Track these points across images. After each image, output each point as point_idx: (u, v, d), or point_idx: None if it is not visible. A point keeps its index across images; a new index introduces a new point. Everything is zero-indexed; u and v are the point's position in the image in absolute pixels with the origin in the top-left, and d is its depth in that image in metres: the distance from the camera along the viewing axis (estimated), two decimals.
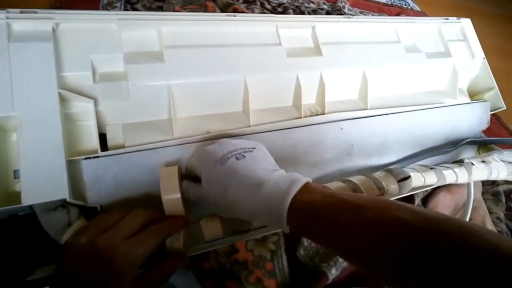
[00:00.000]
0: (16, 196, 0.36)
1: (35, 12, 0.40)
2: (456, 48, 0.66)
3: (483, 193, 0.76)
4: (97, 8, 0.93)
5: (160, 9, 1.01)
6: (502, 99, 0.66)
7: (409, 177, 0.45)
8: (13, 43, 0.38)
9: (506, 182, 0.80)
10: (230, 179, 0.34)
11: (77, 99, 0.40)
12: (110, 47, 0.43)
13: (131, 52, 0.44)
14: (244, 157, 0.36)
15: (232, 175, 0.34)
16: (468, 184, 0.60)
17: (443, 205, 0.69)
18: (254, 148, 0.39)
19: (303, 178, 0.33)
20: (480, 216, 0.69)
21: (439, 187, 0.69)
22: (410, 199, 0.67)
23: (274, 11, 1.21)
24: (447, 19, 0.68)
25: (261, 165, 0.36)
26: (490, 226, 0.70)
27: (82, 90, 0.41)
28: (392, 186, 0.45)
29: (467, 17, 0.71)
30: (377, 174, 0.46)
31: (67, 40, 0.41)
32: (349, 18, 0.58)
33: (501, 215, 0.76)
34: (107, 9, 0.96)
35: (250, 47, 0.50)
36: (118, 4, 1.00)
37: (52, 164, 0.36)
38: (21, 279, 0.37)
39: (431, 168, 0.49)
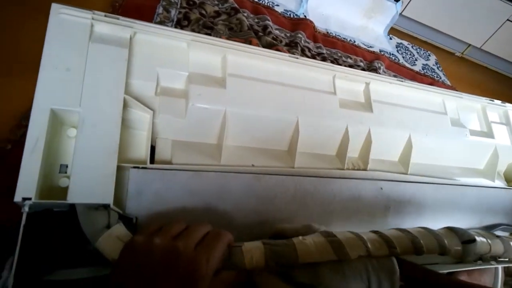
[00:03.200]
0: (58, 191, 0.36)
1: (117, 18, 0.41)
2: (498, 130, 0.66)
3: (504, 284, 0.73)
4: None
5: None
6: None
7: (474, 240, 0.40)
8: (92, 43, 0.39)
9: None
10: None
11: (138, 107, 0.40)
12: (177, 64, 0.44)
13: (195, 73, 0.45)
14: None
15: None
16: (496, 268, 0.57)
17: None
18: None
19: None
20: None
21: (459, 271, 0.66)
22: None
23: (313, 59, 1.24)
24: (492, 100, 0.69)
25: None
26: None
27: (143, 99, 0.41)
28: (455, 247, 0.39)
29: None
30: (437, 231, 0.41)
31: (140, 50, 0.42)
32: (402, 81, 0.59)
33: None
34: None
35: (307, 91, 0.50)
36: (169, 25, 1.04)
37: (104, 167, 0.35)
38: (38, 277, 0.36)
39: (497, 236, 0.44)
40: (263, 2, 1.37)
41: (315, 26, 1.40)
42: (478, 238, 0.41)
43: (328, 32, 1.46)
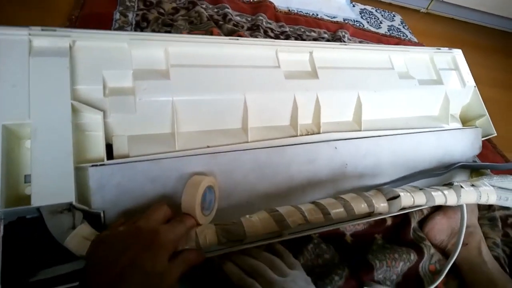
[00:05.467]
0: (25, 199, 0.39)
1: (54, 30, 0.44)
2: (448, 76, 0.69)
3: (479, 219, 0.77)
4: None
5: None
6: (492, 125, 0.69)
7: (398, 196, 0.47)
8: (33, 57, 0.41)
9: (502, 208, 0.81)
10: None
11: (87, 110, 0.42)
12: (120, 64, 0.46)
13: (140, 69, 0.47)
14: None
15: None
16: (461, 207, 0.61)
17: (439, 229, 0.69)
18: None
19: None
20: (476, 242, 0.70)
21: (436, 210, 0.70)
22: (406, 221, 0.68)
23: (276, 38, 1.26)
24: (439, 49, 0.72)
25: None
26: (485, 251, 0.70)
27: (93, 102, 0.44)
28: (381, 204, 0.46)
29: (465, 49, 0.75)
30: (368, 193, 0.47)
31: (82, 56, 0.45)
32: (345, 44, 0.62)
33: (498, 240, 0.76)
34: None
35: (251, 69, 0.53)
36: (128, 29, 1.05)
37: (61, 170, 0.38)
38: (24, 280, 0.39)
39: (420, 189, 0.50)
40: None
41: (276, 6, 1.41)
42: (402, 193, 0.47)
43: (289, 10, 1.47)
